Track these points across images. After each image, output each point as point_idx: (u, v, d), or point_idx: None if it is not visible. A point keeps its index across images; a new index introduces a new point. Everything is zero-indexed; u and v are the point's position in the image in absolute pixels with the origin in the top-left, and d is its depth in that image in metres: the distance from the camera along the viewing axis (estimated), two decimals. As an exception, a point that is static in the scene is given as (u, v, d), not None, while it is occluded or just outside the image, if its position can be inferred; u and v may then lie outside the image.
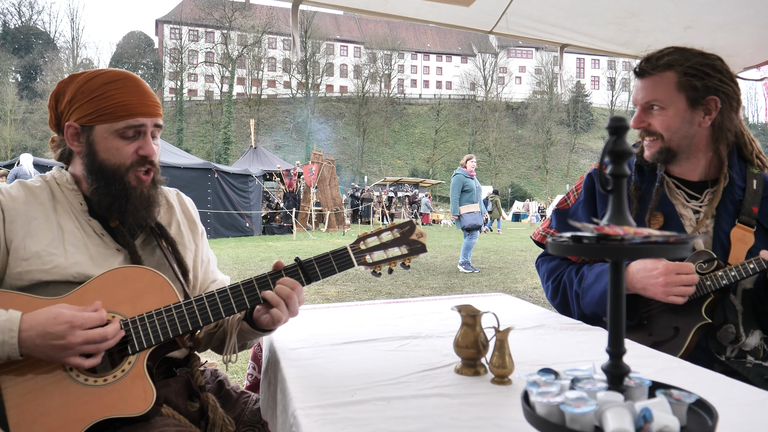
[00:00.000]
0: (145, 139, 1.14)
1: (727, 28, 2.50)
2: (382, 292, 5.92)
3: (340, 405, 0.88)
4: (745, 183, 1.42)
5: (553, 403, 0.58)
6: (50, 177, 1.17)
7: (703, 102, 1.35)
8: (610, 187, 0.62)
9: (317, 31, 59.30)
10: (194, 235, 1.31)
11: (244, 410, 1.25)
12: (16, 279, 1.04)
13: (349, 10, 2.65)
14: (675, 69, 1.35)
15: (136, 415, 0.97)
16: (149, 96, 1.15)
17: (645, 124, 1.40)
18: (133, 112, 1.11)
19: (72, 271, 1.06)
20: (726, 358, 1.37)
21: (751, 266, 1.30)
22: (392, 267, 1.13)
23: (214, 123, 54.77)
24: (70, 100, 1.12)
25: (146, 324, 1.03)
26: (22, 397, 0.95)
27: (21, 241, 1.05)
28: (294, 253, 9.90)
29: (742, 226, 1.38)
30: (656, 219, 1.43)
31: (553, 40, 2.84)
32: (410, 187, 32.75)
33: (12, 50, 52.88)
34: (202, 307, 1.06)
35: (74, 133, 1.13)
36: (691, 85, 1.34)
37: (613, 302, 0.62)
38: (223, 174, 13.43)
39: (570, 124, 64.08)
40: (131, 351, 1.01)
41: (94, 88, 1.11)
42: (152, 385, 1.00)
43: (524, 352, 1.13)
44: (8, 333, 0.91)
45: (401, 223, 1.16)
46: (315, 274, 1.11)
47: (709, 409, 0.60)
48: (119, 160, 1.12)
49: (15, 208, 1.07)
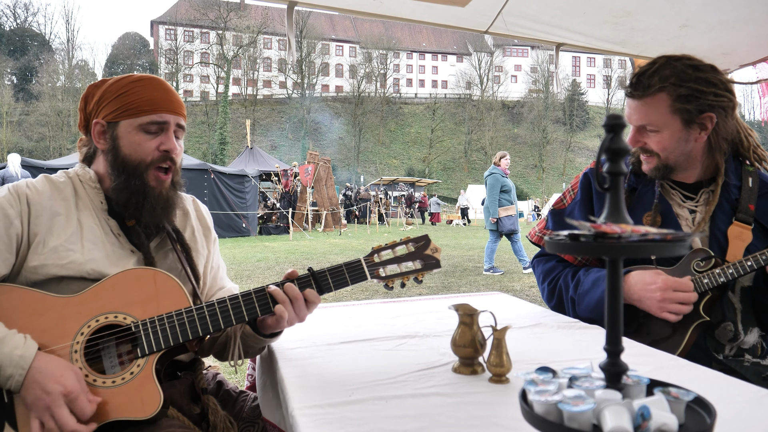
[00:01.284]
0: (167, 135, 1.16)
1: (722, 27, 2.51)
2: (379, 291, 5.92)
3: (338, 404, 0.87)
4: (741, 181, 1.42)
5: (551, 402, 0.58)
6: (73, 174, 1.18)
7: (698, 120, 1.33)
8: (607, 185, 0.62)
9: (312, 31, 59.24)
10: (207, 241, 1.33)
11: (243, 408, 1.25)
12: (32, 273, 1.04)
13: (344, 11, 2.64)
14: (668, 91, 1.32)
15: (143, 418, 0.97)
16: (173, 95, 1.18)
17: (641, 144, 1.40)
18: (157, 108, 1.14)
19: (87, 268, 1.06)
20: (724, 357, 1.38)
21: (749, 263, 1.30)
22: (405, 281, 1.12)
23: (210, 123, 54.64)
24: (99, 100, 1.16)
25: (157, 327, 1.03)
26: None
27: (43, 237, 1.06)
28: (291, 253, 9.89)
29: (740, 224, 1.38)
30: (654, 220, 1.43)
31: (549, 40, 2.84)
32: (406, 186, 32.76)
33: (7, 52, 52.60)
34: (213, 314, 1.05)
35: (101, 130, 1.16)
36: (685, 108, 1.32)
37: (611, 301, 0.62)
38: (219, 174, 13.41)
39: (566, 123, 64.26)
40: (141, 354, 1.01)
41: (121, 86, 1.15)
42: (160, 389, 1.00)
43: (522, 350, 1.13)
44: (18, 370, 0.92)
45: (417, 237, 1.15)
46: (327, 285, 1.10)
47: (707, 407, 0.60)
48: (141, 155, 1.14)
49: (41, 203, 1.08)
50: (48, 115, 47.62)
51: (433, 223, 24.51)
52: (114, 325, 1.03)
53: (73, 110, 48.24)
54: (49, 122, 47.68)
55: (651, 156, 1.40)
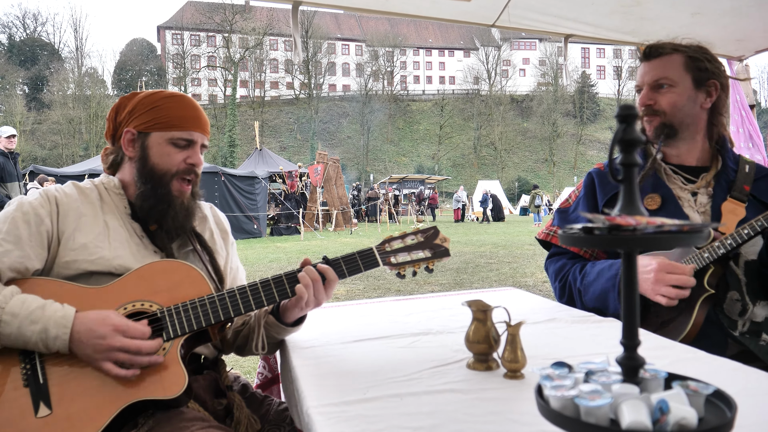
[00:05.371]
0: (194, 150, 1.25)
1: (734, 14, 2.46)
2: (391, 289, 5.93)
3: (353, 402, 0.88)
4: (738, 166, 1.50)
5: (567, 397, 0.57)
6: (99, 182, 1.26)
7: (706, 84, 1.46)
8: (620, 177, 0.61)
9: (318, 31, 59.35)
10: (226, 243, 1.40)
11: (269, 410, 1.28)
12: (64, 268, 1.11)
13: (350, 9, 2.65)
14: (681, 52, 1.47)
15: (169, 398, 1.02)
16: (203, 115, 1.28)
17: (652, 102, 1.48)
18: (187, 125, 1.23)
19: (115, 264, 1.13)
20: (740, 334, 1.37)
21: (745, 231, 1.32)
22: (416, 269, 1.17)
23: (219, 126, 55.02)
24: (131, 111, 1.23)
25: (181, 313, 1.09)
26: (63, 376, 1.02)
27: (71, 234, 1.13)
28: (303, 253, 9.92)
29: (734, 201, 1.44)
30: (653, 200, 1.48)
31: (557, 31, 2.81)
32: (417, 183, 32.68)
33: (18, 62, 53.50)
34: (233, 299, 1.12)
35: (131, 138, 1.23)
36: (696, 66, 1.45)
37: (627, 293, 0.61)
38: (229, 177, 13.50)
39: (576, 115, 63.63)
40: (166, 338, 1.07)
41: (155, 100, 1.23)
42: (185, 370, 1.04)
43: (536, 346, 1.13)
44: (62, 329, 0.99)
45: (425, 228, 1.20)
46: (342, 271, 1.16)
47: (727, 400, 0.59)
48: (168, 165, 1.22)
49: (68, 204, 1.16)
50: (60, 123, 48.39)
51: (455, 220, 24.01)
52: (141, 312, 1.09)
53: (84, 118, 48.92)
54: (61, 130, 48.46)
55: (655, 116, 1.48)
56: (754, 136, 3.26)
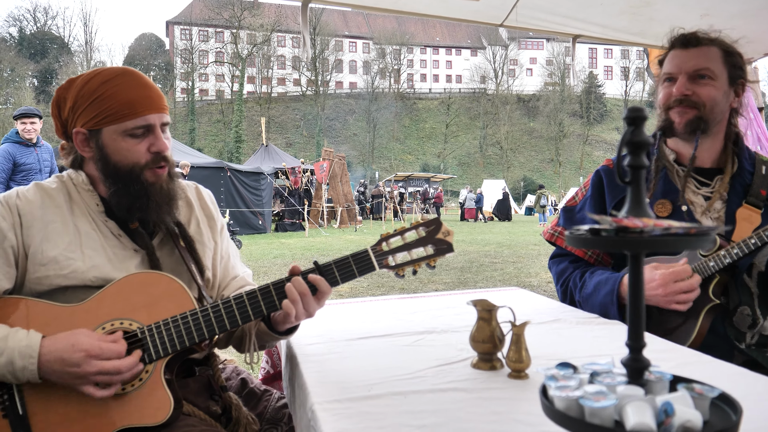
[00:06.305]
0: (155, 135, 1.11)
1: (745, 15, 2.44)
2: (396, 287, 5.93)
3: (357, 399, 0.88)
4: (754, 168, 1.45)
5: (572, 397, 0.57)
6: (66, 177, 1.14)
7: (738, 82, 1.43)
8: (628, 179, 0.61)
9: (325, 28, 59.30)
10: (213, 233, 1.29)
11: (267, 407, 1.25)
12: (36, 284, 1.04)
13: (359, 7, 2.65)
14: (718, 45, 1.41)
15: (155, 424, 0.98)
16: (151, 89, 1.11)
17: (689, 92, 1.39)
18: (138, 110, 1.07)
19: (90, 276, 1.05)
20: (746, 346, 1.35)
21: (752, 241, 1.28)
22: (416, 268, 1.06)
23: (226, 122, 55.18)
24: (73, 106, 1.09)
25: (162, 332, 1.01)
26: (43, 405, 0.97)
27: (38, 246, 1.04)
28: (307, 249, 9.95)
29: (749, 207, 1.39)
30: (664, 206, 1.43)
31: (565, 32, 2.80)
32: (422, 182, 32.66)
33: (29, 55, 53.80)
34: (218, 316, 1.03)
35: (83, 139, 1.10)
36: (732, 62, 1.41)
37: (633, 296, 0.61)
38: (235, 172, 13.54)
39: (583, 116, 63.26)
40: (148, 360, 1.01)
41: (93, 89, 1.07)
42: (170, 394, 1.00)
43: (541, 346, 1.13)
44: (29, 359, 0.92)
45: (427, 221, 1.08)
46: (334, 278, 1.05)
47: (732, 404, 0.58)
48: (133, 160, 1.09)
49: (32, 213, 1.06)
50: (68, 116, 48.50)
51: (468, 219, 23.38)
52: (121, 332, 1.03)
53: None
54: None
55: (691, 108, 1.39)
56: (763, 139, 3.24)
